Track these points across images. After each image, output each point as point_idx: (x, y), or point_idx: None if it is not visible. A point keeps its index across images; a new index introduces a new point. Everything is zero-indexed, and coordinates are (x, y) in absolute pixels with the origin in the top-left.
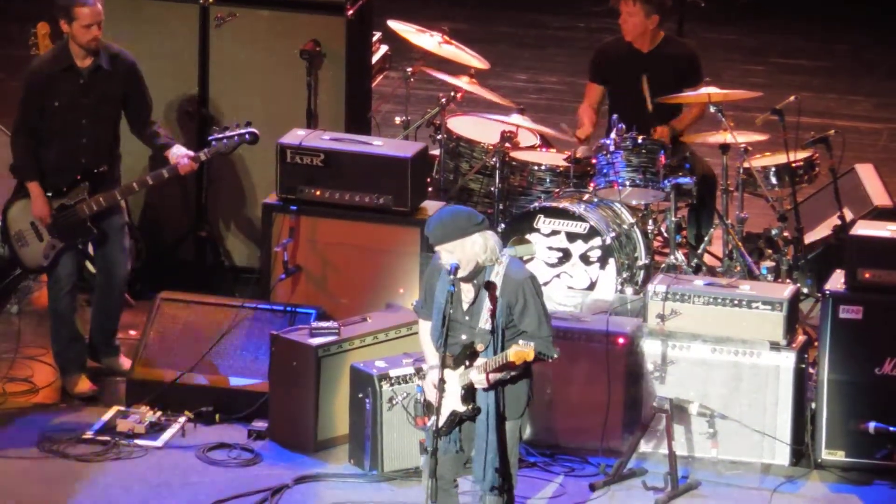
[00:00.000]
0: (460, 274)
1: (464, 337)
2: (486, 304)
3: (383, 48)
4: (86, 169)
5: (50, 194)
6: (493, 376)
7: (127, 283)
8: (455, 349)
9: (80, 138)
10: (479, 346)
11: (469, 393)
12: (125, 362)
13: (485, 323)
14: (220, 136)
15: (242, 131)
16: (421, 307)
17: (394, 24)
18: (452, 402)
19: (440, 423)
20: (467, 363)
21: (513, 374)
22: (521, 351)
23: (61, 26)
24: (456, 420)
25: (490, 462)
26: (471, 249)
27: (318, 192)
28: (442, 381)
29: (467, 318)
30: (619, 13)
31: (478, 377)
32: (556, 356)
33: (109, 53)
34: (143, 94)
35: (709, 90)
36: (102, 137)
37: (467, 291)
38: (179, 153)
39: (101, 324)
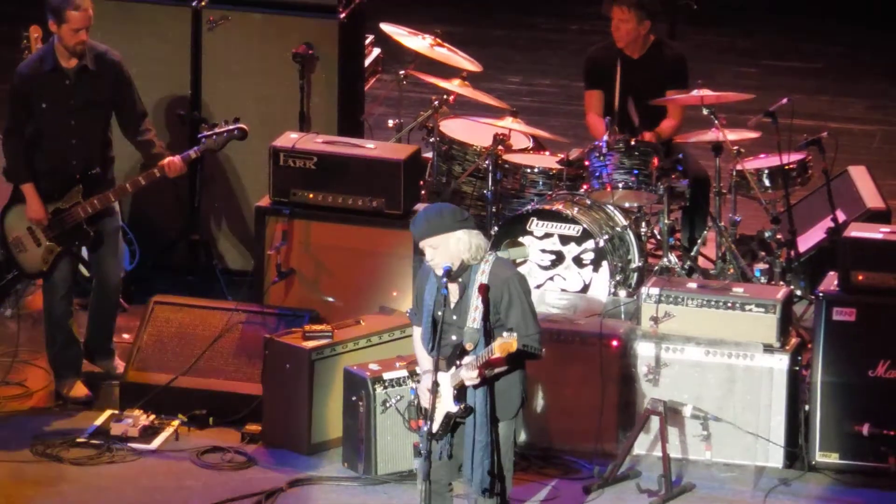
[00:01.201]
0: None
1: (453, 338)
2: (474, 303)
3: (376, 51)
4: (78, 171)
5: (44, 198)
6: (483, 372)
7: (121, 286)
8: (446, 350)
9: (70, 139)
10: (468, 345)
11: (461, 392)
12: (120, 365)
13: (472, 322)
14: (210, 133)
15: (231, 127)
16: (414, 314)
17: (386, 28)
18: (446, 404)
19: (434, 427)
20: (458, 363)
21: (503, 368)
22: (504, 343)
23: (49, 26)
24: (450, 421)
25: (479, 462)
26: (455, 246)
27: (311, 195)
28: (435, 384)
29: (455, 317)
30: (611, 19)
31: (467, 374)
32: (542, 352)
33: (95, 53)
34: (130, 93)
35: (701, 92)
36: (92, 139)
37: (453, 291)
38: (170, 159)
39: (97, 327)
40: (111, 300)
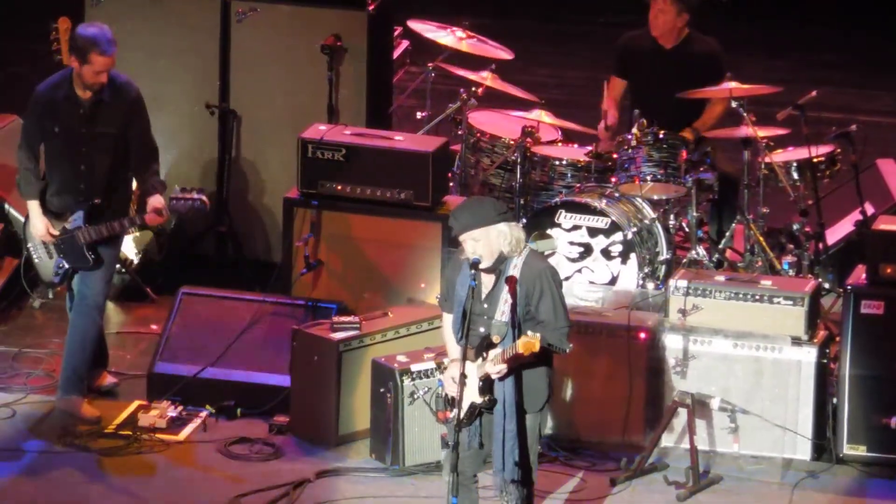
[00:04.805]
0: (483, 265)
1: (482, 329)
2: (504, 296)
3: (404, 43)
4: (84, 196)
5: (55, 216)
6: (507, 366)
7: (104, 310)
8: (474, 340)
9: (79, 165)
10: (496, 338)
11: (486, 384)
12: (89, 410)
13: (501, 315)
14: (180, 196)
15: (196, 197)
16: (444, 301)
17: (414, 25)
18: (471, 394)
19: (461, 416)
20: (485, 355)
21: (525, 363)
22: (528, 342)
23: (71, 61)
24: (475, 412)
25: (509, 451)
26: (496, 239)
27: (339, 187)
28: (463, 374)
29: (485, 305)
30: (650, 7)
31: (493, 368)
32: (568, 350)
33: (114, 84)
34: (142, 126)
35: (730, 85)
36: (100, 167)
37: (487, 280)
38: (153, 203)
39: (69, 356)
40: (89, 327)
